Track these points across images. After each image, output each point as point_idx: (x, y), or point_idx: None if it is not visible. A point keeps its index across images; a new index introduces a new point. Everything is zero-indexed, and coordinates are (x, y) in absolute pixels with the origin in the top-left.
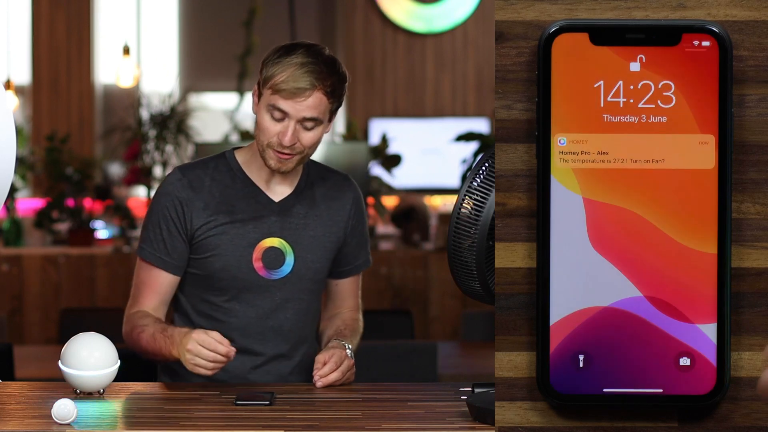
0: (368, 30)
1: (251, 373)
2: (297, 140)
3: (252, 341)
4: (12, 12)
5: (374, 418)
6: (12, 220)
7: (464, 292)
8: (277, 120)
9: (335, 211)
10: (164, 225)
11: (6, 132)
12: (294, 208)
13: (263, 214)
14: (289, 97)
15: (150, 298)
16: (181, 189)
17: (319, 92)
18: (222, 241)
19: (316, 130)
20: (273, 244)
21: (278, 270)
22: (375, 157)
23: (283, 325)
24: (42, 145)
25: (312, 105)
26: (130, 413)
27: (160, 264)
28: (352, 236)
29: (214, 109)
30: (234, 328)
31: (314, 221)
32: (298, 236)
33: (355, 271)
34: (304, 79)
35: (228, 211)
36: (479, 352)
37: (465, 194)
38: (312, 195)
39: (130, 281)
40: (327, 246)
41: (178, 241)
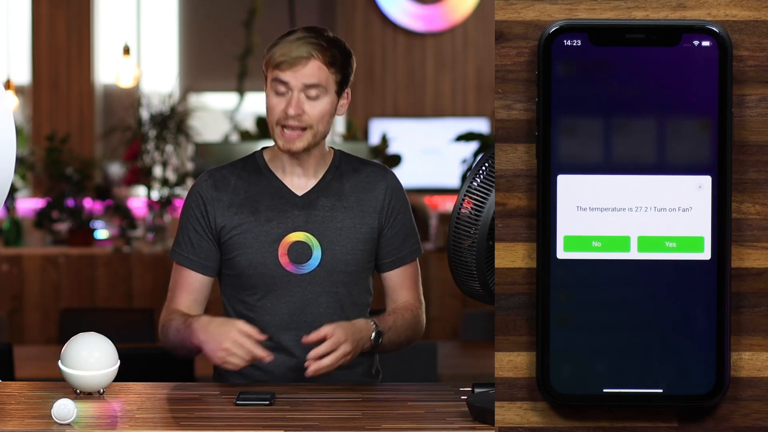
0: (368, 30)
1: (292, 372)
2: (302, 111)
3: (287, 338)
4: (12, 12)
5: (374, 418)
6: (12, 220)
7: (464, 292)
8: (280, 94)
9: (366, 203)
10: (191, 225)
11: (6, 132)
12: (319, 201)
13: (286, 208)
14: (288, 67)
15: (182, 298)
16: (205, 189)
17: (318, 61)
18: (247, 239)
19: (321, 100)
20: (298, 239)
21: (305, 264)
22: (375, 157)
23: (316, 320)
24: (42, 145)
25: (311, 73)
26: (130, 413)
27: (189, 264)
28: (389, 226)
29: (214, 109)
30: (269, 325)
31: (342, 213)
32: (324, 229)
33: (400, 262)
34: (300, 48)
35: (252, 209)
36: (479, 352)
37: (465, 194)
38: (340, 187)
39: (130, 281)
40: (358, 237)
41: (205, 240)
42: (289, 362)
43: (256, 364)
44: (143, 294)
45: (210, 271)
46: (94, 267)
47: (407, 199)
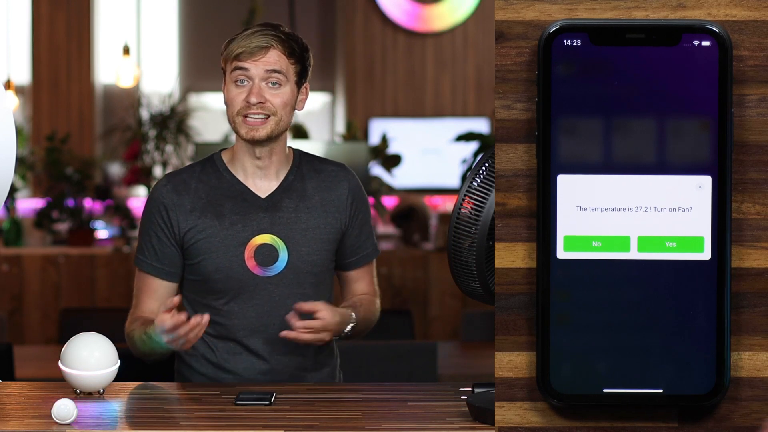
0: (368, 30)
1: (262, 376)
2: (264, 99)
3: (257, 341)
4: (12, 12)
5: (374, 418)
6: (12, 220)
7: (464, 292)
8: (241, 86)
9: (330, 202)
10: (153, 232)
11: (6, 132)
12: (282, 203)
13: (251, 211)
14: (248, 57)
15: (147, 304)
16: (165, 194)
17: (277, 50)
18: (212, 244)
19: (283, 89)
20: (264, 241)
21: (272, 267)
22: (375, 157)
23: (284, 322)
24: (42, 145)
25: (272, 61)
26: (130, 413)
27: (152, 271)
28: (353, 226)
29: (214, 109)
30: (237, 329)
31: (306, 214)
32: (289, 230)
33: (362, 261)
34: (259, 39)
35: (216, 213)
36: (479, 352)
37: (465, 194)
38: (303, 188)
39: (130, 281)
40: (323, 237)
41: (168, 246)
42: (258, 365)
43: (224, 365)
44: None
45: (174, 277)
46: (94, 267)
47: (367, 198)
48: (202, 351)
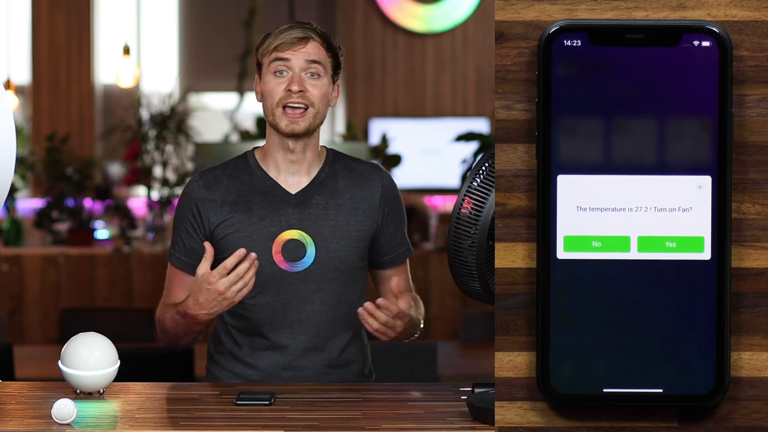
0: (368, 30)
1: (284, 370)
2: (305, 88)
3: (281, 335)
4: (12, 12)
5: (374, 418)
6: (12, 220)
7: (464, 292)
8: (280, 75)
9: (362, 200)
10: (183, 227)
11: (6, 132)
12: (313, 199)
13: (280, 206)
14: (288, 48)
15: (178, 294)
16: (197, 190)
17: (316, 42)
18: (240, 238)
19: (321, 80)
20: (292, 236)
21: (299, 262)
22: (375, 157)
23: (311, 318)
24: (42, 145)
25: (312, 51)
26: (130, 413)
27: (181, 265)
28: (386, 224)
29: (214, 109)
30: (262, 323)
31: (336, 211)
32: (318, 226)
33: (398, 259)
34: (297, 31)
35: (245, 208)
36: (479, 352)
37: (465, 194)
38: (335, 185)
39: (130, 281)
40: (352, 234)
41: (197, 242)
42: (282, 360)
43: (248, 360)
44: (143, 294)
45: None
46: (94, 267)
47: (401, 197)
48: (230, 348)
